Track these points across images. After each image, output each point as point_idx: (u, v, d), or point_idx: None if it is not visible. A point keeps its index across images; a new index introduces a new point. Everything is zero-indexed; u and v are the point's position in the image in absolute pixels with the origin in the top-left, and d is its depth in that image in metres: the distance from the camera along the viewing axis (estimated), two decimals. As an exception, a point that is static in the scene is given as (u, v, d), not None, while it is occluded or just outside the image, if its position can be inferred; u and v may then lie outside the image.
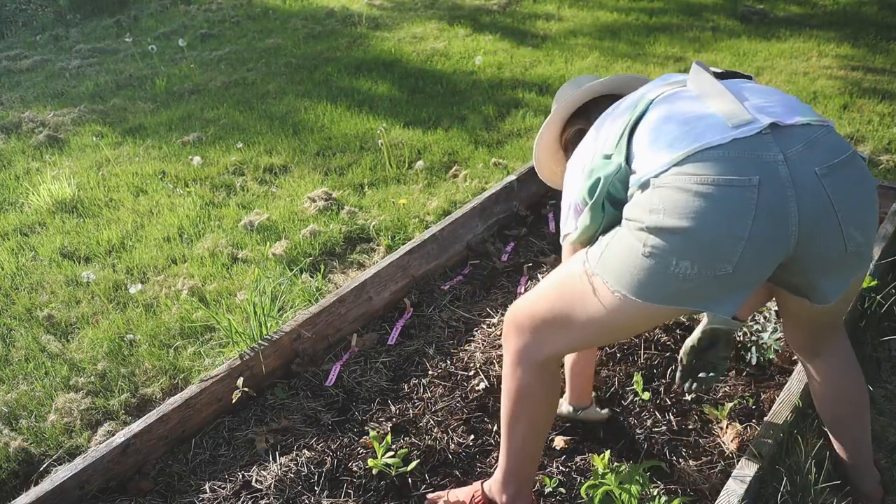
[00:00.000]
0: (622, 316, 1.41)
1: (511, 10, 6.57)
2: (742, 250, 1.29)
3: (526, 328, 1.56)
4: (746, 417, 2.04)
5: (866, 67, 4.73)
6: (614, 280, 1.39)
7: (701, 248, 1.30)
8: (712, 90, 1.44)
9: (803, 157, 1.32)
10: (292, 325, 2.33)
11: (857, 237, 1.36)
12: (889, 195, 2.82)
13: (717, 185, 1.28)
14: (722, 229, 1.28)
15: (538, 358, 1.56)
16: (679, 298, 1.35)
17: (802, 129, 1.35)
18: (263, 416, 2.19)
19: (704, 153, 1.31)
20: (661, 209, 1.31)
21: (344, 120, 4.40)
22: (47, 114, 4.76)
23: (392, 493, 1.89)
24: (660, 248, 1.31)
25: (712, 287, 1.33)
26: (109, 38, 6.57)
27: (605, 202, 1.45)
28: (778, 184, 1.29)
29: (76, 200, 3.59)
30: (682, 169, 1.31)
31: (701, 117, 1.38)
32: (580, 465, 1.93)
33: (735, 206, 1.28)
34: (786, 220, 1.30)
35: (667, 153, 1.35)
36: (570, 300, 1.48)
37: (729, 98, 1.41)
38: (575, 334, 1.51)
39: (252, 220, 3.28)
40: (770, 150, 1.31)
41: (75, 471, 1.86)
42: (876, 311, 2.28)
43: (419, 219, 3.23)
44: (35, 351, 2.55)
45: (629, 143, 1.45)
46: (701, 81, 1.48)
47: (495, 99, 4.60)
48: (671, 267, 1.31)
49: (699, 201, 1.29)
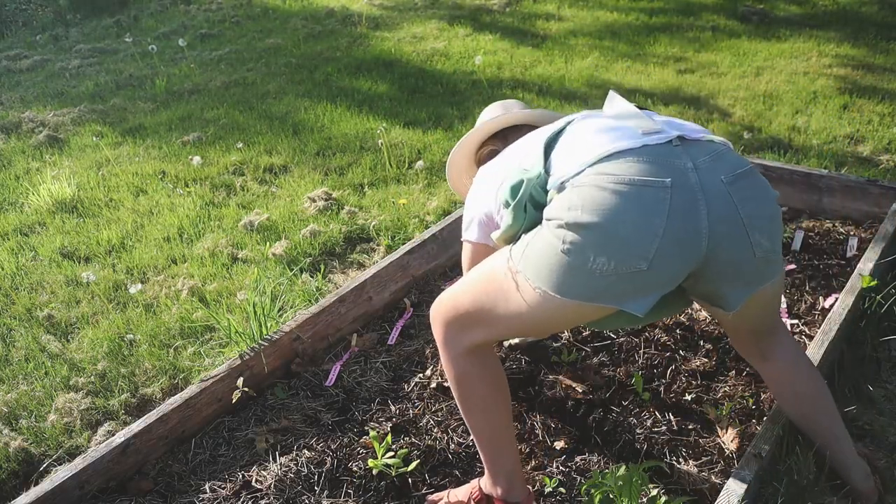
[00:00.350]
0: (543, 312, 1.47)
1: (511, 9, 6.57)
2: (657, 247, 1.36)
3: (449, 320, 1.63)
4: (746, 417, 2.04)
5: (866, 67, 4.73)
6: (535, 276, 1.45)
7: (617, 243, 1.36)
8: (625, 110, 1.58)
9: (710, 167, 1.42)
10: (292, 325, 2.33)
11: (764, 243, 1.45)
12: (889, 195, 2.82)
13: (633, 184, 1.37)
14: (637, 225, 1.36)
15: (463, 348, 1.62)
16: (595, 295, 1.41)
17: (707, 144, 1.47)
18: (263, 416, 2.19)
19: (619, 155, 1.41)
20: (578, 206, 1.39)
21: (344, 120, 4.41)
22: (47, 114, 4.76)
23: (392, 493, 1.89)
24: (577, 243, 1.38)
25: (627, 284, 1.40)
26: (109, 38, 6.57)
27: (527, 204, 1.53)
28: (689, 187, 1.38)
29: (76, 200, 3.59)
30: (598, 168, 1.41)
31: (615, 128, 1.50)
32: (580, 465, 1.93)
33: (650, 204, 1.36)
34: (697, 222, 1.38)
35: (582, 157, 1.45)
36: (493, 295, 1.55)
37: (640, 114, 1.54)
38: (497, 328, 1.58)
39: (252, 220, 3.29)
40: (680, 157, 1.42)
41: (75, 471, 1.86)
42: (876, 311, 2.27)
43: (419, 219, 3.23)
44: (35, 351, 2.55)
45: (547, 156, 1.54)
46: (615, 105, 1.63)
47: (495, 99, 4.60)
48: (588, 262, 1.38)
49: (615, 198, 1.36)
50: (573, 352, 2.29)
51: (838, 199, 2.96)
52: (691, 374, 2.20)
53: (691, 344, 2.33)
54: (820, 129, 3.86)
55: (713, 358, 2.25)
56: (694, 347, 2.32)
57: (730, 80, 4.69)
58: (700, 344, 2.32)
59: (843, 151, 3.61)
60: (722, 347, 2.29)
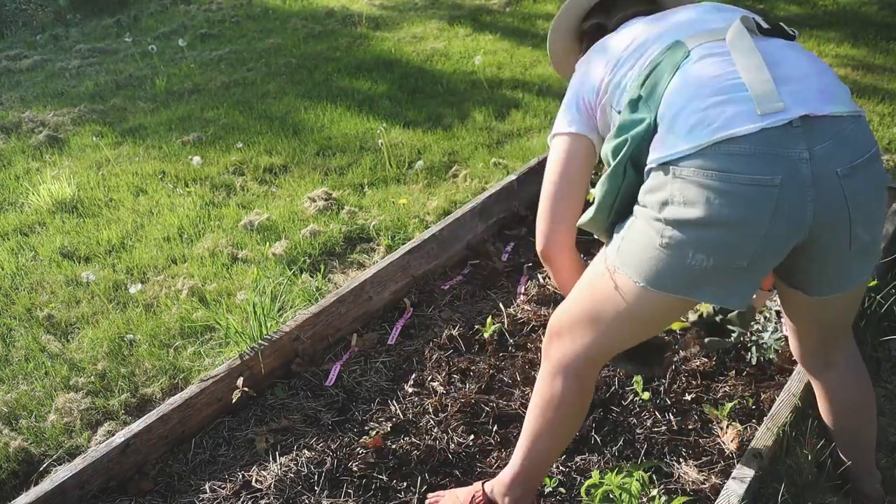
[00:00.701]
0: (645, 307, 1.42)
1: (511, 9, 6.57)
2: (758, 247, 1.31)
3: (565, 334, 1.56)
4: (746, 417, 2.04)
5: (866, 67, 4.73)
6: (634, 271, 1.40)
7: (718, 243, 1.31)
8: (750, 64, 1.34)
9: (828, 155, 1.29)
10: (292, 325, 2.33)
11: (863, 237, 1.37)
12: (889, 195, 2.82)
13: (739, 182, 1.27)
14: (740, 227, 1.29)
15: (578, 365, 1.55)
16: (693, 289, 1.37)
17: (832, 122, 1.31)
18: (263, 416, 2.19)
19: (729, 145, 1.28)
20: (680, 201, 1.31)
21: (344, 120, 4.40)
22: (47, 114, 4.76)
23: (392, 493, 1.89)
24: (676, 239, 1.32)
25: (725, 279, 1.35)
26: (109, 38, 6.57)
27: (626, 165, 1.43)
28: (799, 184, 1.28)
29: (76, 200, 3.59)
30: (704, 160, 1.29)
31: (732, 100, 1.31)
32: (580, 465, 1.93)
33: (754, 204, 1.28)
34: (802, 218, 1.31)
35: (690, 136, 1.30)
36: (599, 299, 1.49)
37: (765, 77, 1.32)
38: (608, 334, 1.51)
39: (252, 219, 3.28)
40: (797, 145, 1.28)
41: (75, 471, 1.86)
42: (876, 311, 2.28)
43: (419, 219, 3.23)
44: (35, 351, 2.55)
45: (661, 97, 1.38)
46: (741, 49, 1.38)
47: (495, 99, 4.60)
48: (687, 259, 1.33)
49: (718, 198, 1.28)
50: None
51: (838, 199, 2.96)
52: (691, 374, 2.20)
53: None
54: (820, 129, 3.86)
55: (713, 358, 2.25)
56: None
57: (730, 80, 4.68)
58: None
59: (843, 151, 3.61)
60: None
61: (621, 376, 2.20)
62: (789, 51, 1.41)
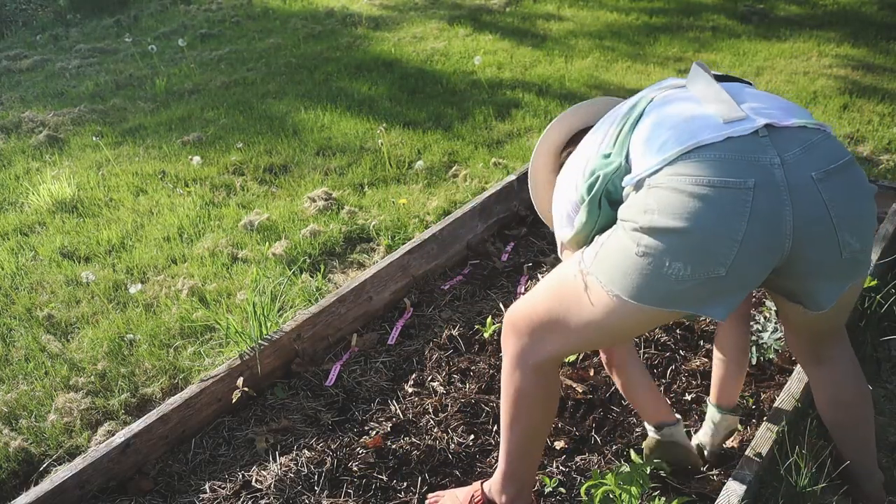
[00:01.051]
0: (616, 317, 1.40)
1: (511, 9, 6.57)
2: (735, 253, 1.29)
3: (523, 330, 1.55)
4: (746, 417, 2.04)
5: (866, 67, 4.73)
6: (608, 280, 1.38)
7: (694, 249, 1.29)
8: (709, 92, 1.44)
9: (800, 161, 1.31)
10: (292, 325, 2.33)
11: (853, 243, 1.35)
12: (889, 195, 2.82)
13: (712, 185, 1.28)
14: (716, 231, 1.28)
15: (536, 360, 1.55)
16: (672, 301, 1.34)
17: (799, 132, 1.34)
18: (263, 416, 2.19)
19: (699, 152, 1.31)
20: (655, 209, 1.31)
21: (344, 120, 4.40)
22: (47, 114, 4.76)
23: (391, 493, 1.89)
24: (653, 248, 1.31)
25: (705, 290, 1.33)
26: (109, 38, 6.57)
27: (602, 200, 1.45)
28: (773, 188, 1.28)
29: (76, 200, 3.59)
30: (676, 168, 1.31)
31: (696, 116, 1.39)
32: (580, 465, 1.93)
33: (729, 208, 1.27)
34: (780, 225, 1.29)
35: (661, 152, 1.35)
36: (567, 301, 1.47)
37: (724, 97, 1.41)
38: (572, 337, 1.50)
39: (252, 219, 3.28)
40: (766, 152, 1.30)
41: (75, 471, 1.86)
42: (876, 311, 2.28)
43: (419, 219, 3.23)
44: (35, 351, 2.55)
45: (628, 142, 1.45)
46: (698, 83, 1.49)
47: (495, 99, 4.60)
48: (664, 268, 1.31)
49: (693, 202, 1.28)
50: (573, 352, 2.29)
51: (838, 199, 2.96)
52: (691, 374, 2.21)
53: (691, 344, 2.33)
54: (820, 129, 3.86)
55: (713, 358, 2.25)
56: (694, 347, 2.32)
57: (730, 80, 4.68)
58: (700, 344, 2.32)
59: (843, 151, 3.61)
60: (722, 347, 2.29)
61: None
62: (749, 88, 1.51)
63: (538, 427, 1.65)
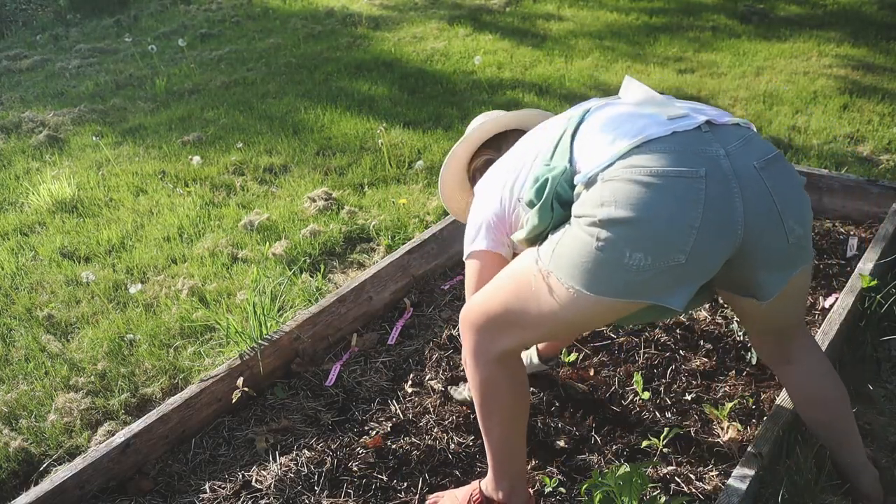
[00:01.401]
0: (577, 311, 1.43)
1: (511, 9, 6.57)
2: (694, 240, 1.33)
3: (479, 326, 1.58)
4: (746, 417, 2.04)
5: (866, 67, 4.73)
6: (567, 276, 1.41)
7: (653, 238, 1.33)
8: (645, 96, 1.54)
9: (742, 152, 1.39)
10: (292, 325, 2.33)
11: (797, 229, 1.42)
12: (889, 195, 2.82)
13: (667, 175, 1.33)
14: (674, 219, 1.32)
15: (494, 354, 1.58)
16: (632, 291, 1.38)
17: (734, 129, 1.44)
18: (263, 416, 2.19)
19: (649, 145, 1.37)
20: (611, 201, 1.35)
21: (344, 120, 4.41)
22: (47, 114, 4.76)
23: (391, 493, 1.89)
24: (612, 240, 1.34)
25: (665, 279, 1.36)
26: (109, 38, 6.57)
27: (553, 202, 1.48)
28: (722, 176, 1.35)
29: (76, 200, 3.59)
30: (629, 161, 1.36)
31: (640, 115, 1.46)
32: (580, 465, 1.93)
33: (685, 196, 1.32)
34: (732, 211, 1.35)
35: (611, 148, 1.40)
36: (524, 297, 1.50)
37: (661, 99, 1.51)
38: (529, 331, 1.54)
39: (252, 219, 3.29)
40: (711, 145, 1.38)
41: (75, 471, 1.86)
42: (876, 311, 2.28)
43: (419, 218, 3.23)
44: (35, 351, 2.55)
45: (571, 148, 1.49)
46: (631, 91, 1.58)
47: (495, 99, 4.60)
48: (624, 258, 1.34)
49: (650, 192, 1.33)
50: (573, 352, 2.29)
51: (838, 198, 2.96)
52: (691, 374, 2.20)
53: (691, 344, 2.33)
54: (820, 129, 3.86)
55: (713, 358, 2.25)
56: (694, 347, 2.32)
57: (730, 80, 4.69)
58: (700, 344, 2.32)
59: (843, 151, 3.61)
60: (722, 347, 2.29)
61: (621, 376, 2.20)
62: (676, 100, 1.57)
63: (514, 415, 1.66)
